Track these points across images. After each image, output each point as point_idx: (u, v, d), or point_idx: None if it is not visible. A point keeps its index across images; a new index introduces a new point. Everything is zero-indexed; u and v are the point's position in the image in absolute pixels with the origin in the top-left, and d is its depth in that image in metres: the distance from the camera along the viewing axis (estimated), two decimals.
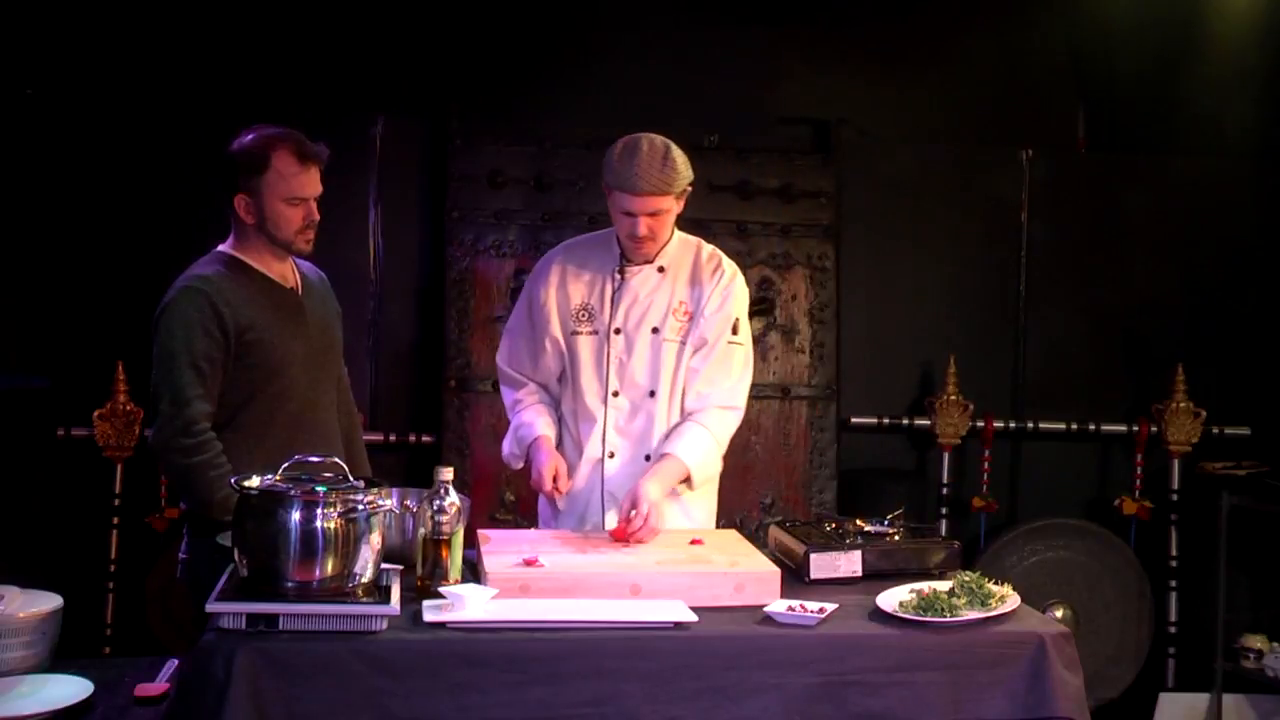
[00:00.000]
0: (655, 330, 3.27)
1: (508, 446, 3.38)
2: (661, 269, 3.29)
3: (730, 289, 3.29)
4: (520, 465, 3.37)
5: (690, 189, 3.22)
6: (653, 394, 3.27)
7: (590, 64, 5.06)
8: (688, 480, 3.21)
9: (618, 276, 3.28)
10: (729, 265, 3.33)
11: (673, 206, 3.19)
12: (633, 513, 2.99)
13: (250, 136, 3.01)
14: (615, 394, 3.28)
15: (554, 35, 5.07)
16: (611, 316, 3.28)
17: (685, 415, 3.28)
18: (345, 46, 4.95)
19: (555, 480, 3.21)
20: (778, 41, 5.19)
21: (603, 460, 3.28)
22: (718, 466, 3.30)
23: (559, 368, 3.35)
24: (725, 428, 3.27)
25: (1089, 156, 5.39)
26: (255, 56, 4.87)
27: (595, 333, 3.29)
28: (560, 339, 3.30)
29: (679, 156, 3.14)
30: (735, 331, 3.29)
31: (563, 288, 3.30)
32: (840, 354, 5.10)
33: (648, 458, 3.27)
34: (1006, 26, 5.27)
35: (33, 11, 4.74)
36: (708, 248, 3.36)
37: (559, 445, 3.34)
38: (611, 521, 3.22)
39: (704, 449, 3.21)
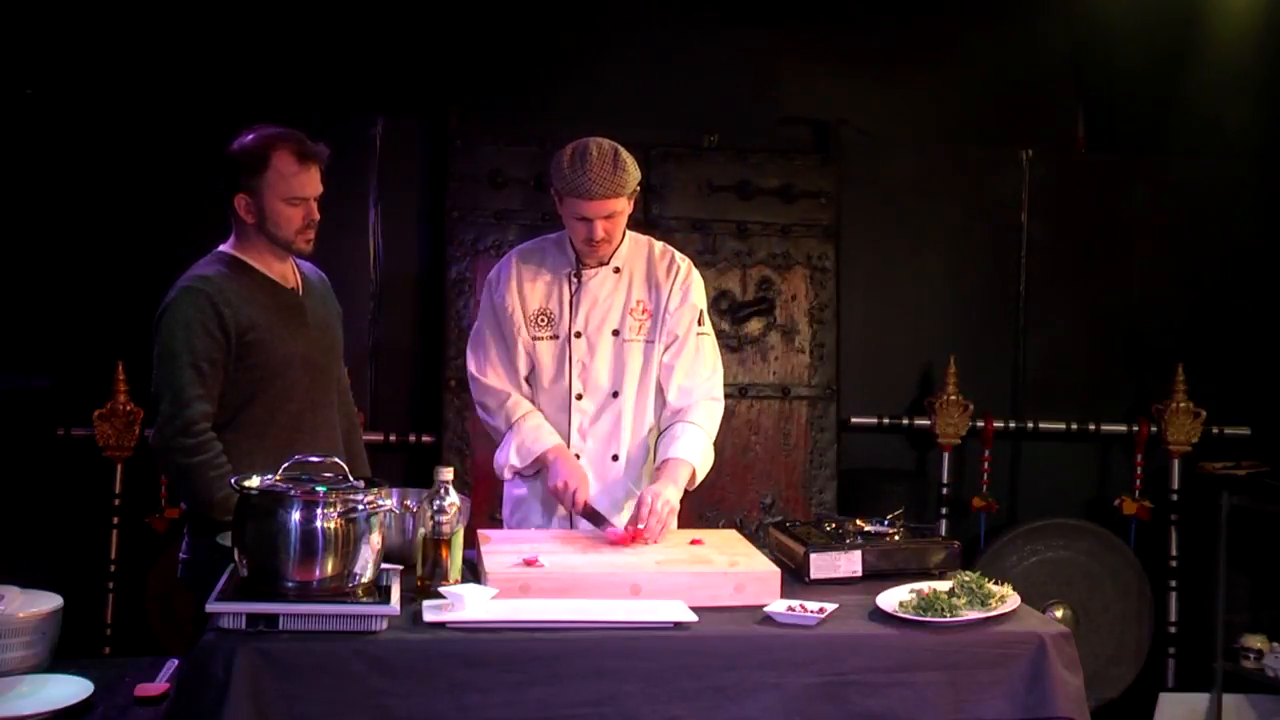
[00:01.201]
0: (615, 332, 3.29)
1: (504, 457, 3.29)
2: (617, 270, 3.31)
3: (689, 283, 3.32)
4: (511, 476, 3.32)
5: (640, 188, 3.24)
6: (616, 395, 3.29)
7: (590, 64, 5.07)
8: (691, 478, 3.22)
9: (574, 280, 3.29)
10: (682, 260, 3.36)
11: (625, 208, 3.20)
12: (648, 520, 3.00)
13: (250, 136, 3.02)
14: (579, 397, 3.29)
15: (554, 35, 5.08)
16: (571, 320, 3.28)
17: (673, 414, 3.29)
18: (345, 46, 4.95)
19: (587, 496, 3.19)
20: (778, 41, 5.20)
21: None
22: (712, 459, 3.32)
23: (529, 370, 3.34)
24: (714, 421, 3.31)
25: (1089, 156, 5.39)
26: (255, 56, 4.87)
27: (555, 337, 3.29)
28: (531, 341, 3.31)
29: (628, 158, 3.16)
30: (700, 323, 3.33)
31: (521, 292, 3.30)
32: (840, 354, 5.10)
33: (615, 458, 3.29)
34: (1006, 26, 5.27)
35: (33, 11, 4.74)
36: (659, 245, 3.39)
37: None
38: (577, 523, 3.23)
39: (702, 447, 3.25)
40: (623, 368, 3.29)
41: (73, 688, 2.75)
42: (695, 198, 5.02)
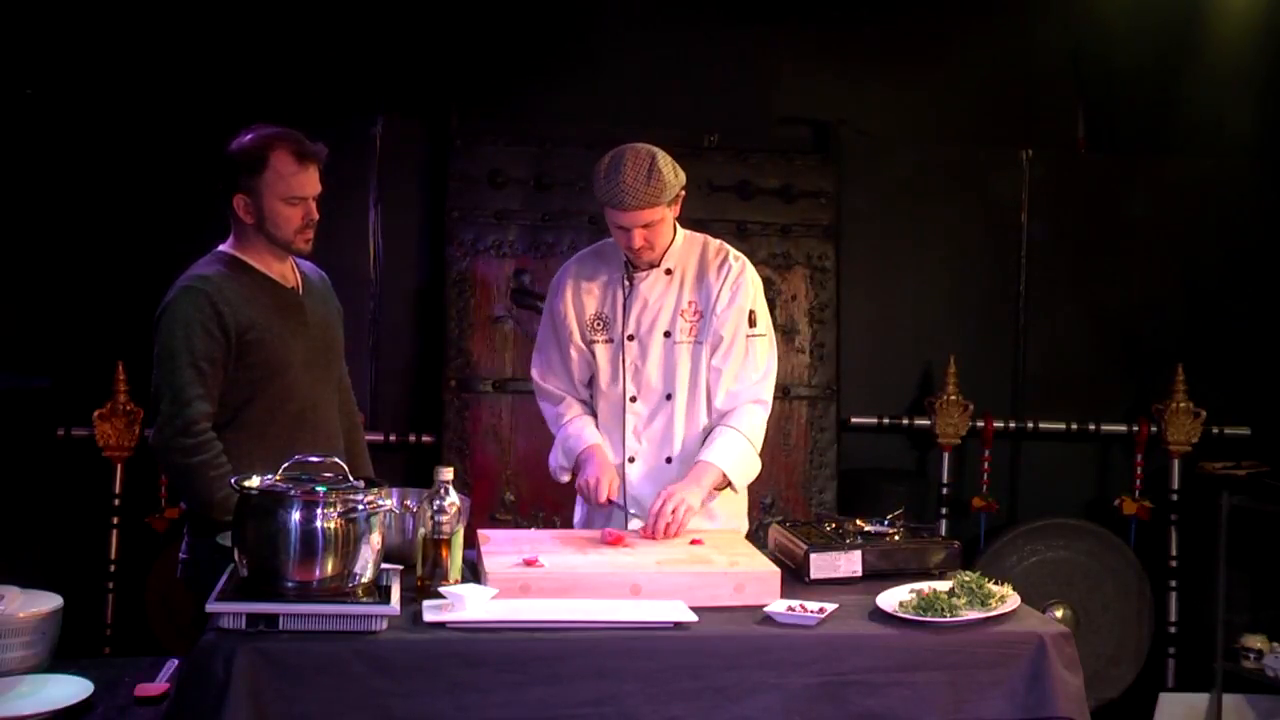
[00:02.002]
0: (667, 334, 3.29)
1: (554, 460, 3.40)
2: (669, 271, 3.30)
3: (739, 282, 3.27)
4: (567, 478, 3.39)
5: (684, 193, 3.21)
6: (669, 397, 3.29)
7: (590, 64, 5.06)
8: (729, 484, 3.23)
9: (627, 283, 3.29)
10: (736, 259, 3.32)
11: (666, 215, 3.18)
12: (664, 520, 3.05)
13: (249, 136, 3.02)
14: (633, 399, 3.30)
15: (554, 35, 5.07)
16: (624, 323, 3.29)
17: (718, 417, 3.28)
18: (345, 46, 4.95)
19: (609, 490, 3.22)
20: (778, 41, 5.19)
21: (623, 465, 3.31)
22: (757, 465, 3.30)
23: (588, 375, 3.38)
24: (756, 425, 3.27)
25: (1089, 156, 5.38)
26: (255, 56, 4.87)
27: (610, 340, 3.31)
28: (584, 348, 3.33)
29: (665, 165, 3.11)
30: (753, 324, 3.28)
31: (578, 299, 3.32)
32: (840, 354, 5.10)
33: (669, 460, 3.29)
34: (1006, 26, 5.27)
35: (33, 11, 4.74)
36: (714, 243, 3.36)
37: None
38: (635, 525, 3.24)
39: (738, 451, 3.22)
40: (674, 370, 3.28)
41: (73, 688, 2.75)
42: (695, 198, 4.99)
